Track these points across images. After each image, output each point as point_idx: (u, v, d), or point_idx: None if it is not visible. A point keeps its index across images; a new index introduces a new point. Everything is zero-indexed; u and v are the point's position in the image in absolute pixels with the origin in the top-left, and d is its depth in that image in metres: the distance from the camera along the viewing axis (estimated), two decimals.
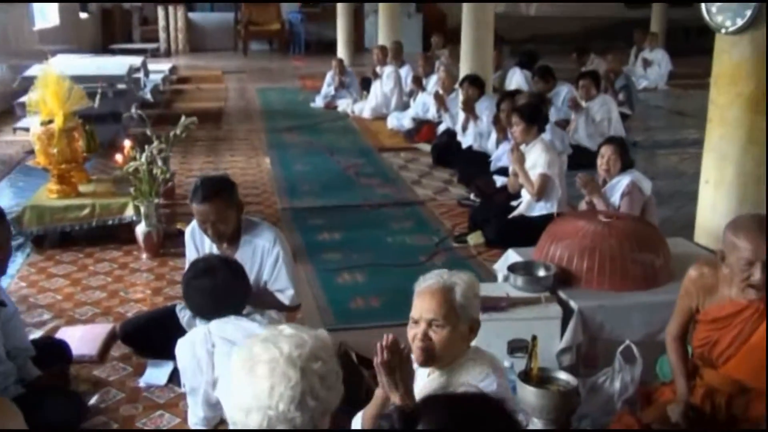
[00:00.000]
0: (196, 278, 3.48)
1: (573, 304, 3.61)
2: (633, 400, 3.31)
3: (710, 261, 3.05)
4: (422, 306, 2.49)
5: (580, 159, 6.95)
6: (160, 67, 13.20)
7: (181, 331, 3.57)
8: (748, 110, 4.20)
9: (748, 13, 4.08)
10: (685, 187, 6.95)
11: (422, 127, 9.20)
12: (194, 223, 3.84)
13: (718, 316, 2.90)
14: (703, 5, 4.27)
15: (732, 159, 4.27)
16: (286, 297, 3.77)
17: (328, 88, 11.61)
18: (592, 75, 8.36)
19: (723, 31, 4.21)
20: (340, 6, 14.87)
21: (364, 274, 5.17)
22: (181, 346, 3.51)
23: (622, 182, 4.84)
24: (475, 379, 2.44)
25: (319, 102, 11.60)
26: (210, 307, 3.48)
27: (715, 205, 4.38)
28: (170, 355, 3.62)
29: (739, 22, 4.12)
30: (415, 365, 2.52)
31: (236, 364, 1.78)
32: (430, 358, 2.49)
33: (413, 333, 2.50)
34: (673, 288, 3.68)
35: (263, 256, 3.71)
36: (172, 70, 13.89)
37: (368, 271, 5.20)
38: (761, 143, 4.26)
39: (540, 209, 5.54)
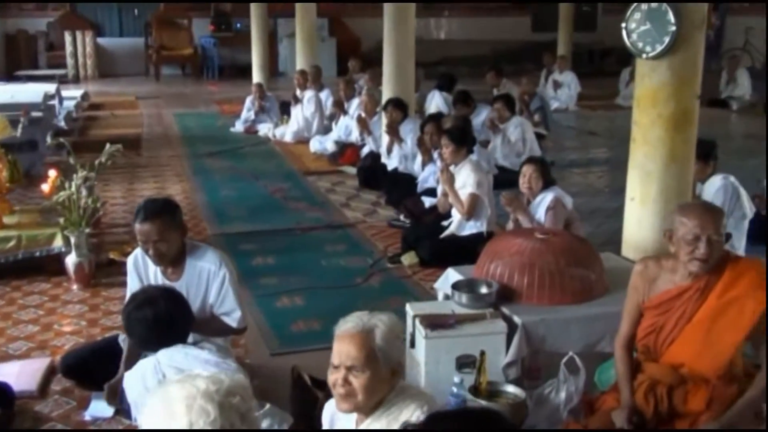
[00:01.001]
0: (137, 310, 3.45)
1: (516, 319, 3.73)
2: (578, 410, 3.44)
3: (652, 256, 3.30)
4: (341, 351, 2.42)
5: (498, 178, 7.14)
6: (71, 94, 12.87)
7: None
8: (669, 130, 4.44)
9: (666, 39, 4.33)
10: (603, 204, 7.26)
11: (346, 150, 9.29)
12: (137, 251, 3.81)
13: (663, 300, 3.13)
14: (623, 32, 4.51)
15: (655, 176, 4.50)
16: (233, 319, 3.75)
17: (248, 112, 11.57)
18: (505, 98, 8.67)
19: (644, 56, 4.45)
20: (254, 30, 14.86)
21: (303, 297, 5.19)
22: (130, 379, 3.47)
23: (546, 198, 5.07)
24: (414, 416, 2.39)
25: (238, 127, 11.54)
26: (154, 338, 3.45)
27: (640, 220, 4.60)
28: None
29: (659, 48, 4.37)
30: (338, 413, 2.52)
31: (153, 406, 1.73)
32: (352, 404, 2.43)
33: (333, 378, 2.43)
34: (608, 300, 3.90)
35: (209, 279, 3.70)
36: (84, 96, 13.57)
37: (306, 295, 5.23)
38: (682, 160, 4.52)
39: (470, 228, 5.70)
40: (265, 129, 11.19)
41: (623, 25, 4.50)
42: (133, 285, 3.82)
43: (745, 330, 3.03)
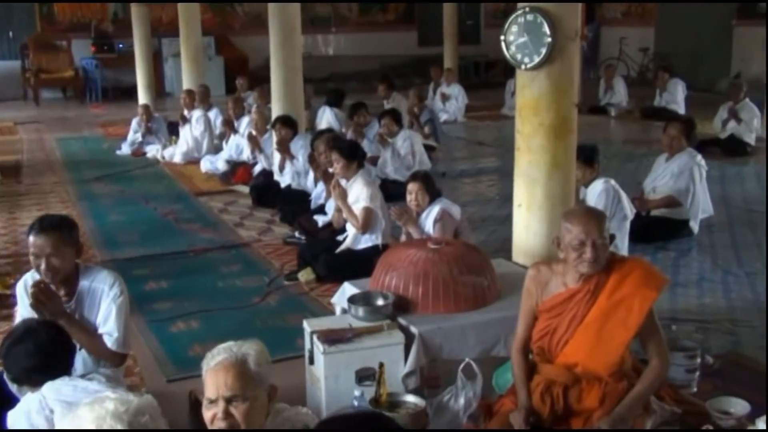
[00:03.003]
0: (16, 344, 3.29)
1: (413, 329, 3.77)
2: (476, 415, 3.51)
3: (544, 261, 3.42)
4: (218, 383, 2.38)
5: (390, 191, 7.19)
6: None
7: (8, 401, 3.37)
8: (550, 138, 4.61)
9: (543, 51, 4.50)
10: (494, 212, 7.44)
11: (237, 169, 9.20)
12: (25, 276, 3.68)
13: (556, 303, 3.26)
14: (503, 44, 4.66)
15: (540, 183, 4.66)
16: (111, 340, 3.59)
17: (134, 134, 11.28)
18: (392, 113, 8.79)
19: (523, 67, 4.61)
20: (137, 50, 14.55)
21: (199, 320, 5.10)
22: (15, 418, 3.30)
23: (433, 211, 5.19)
24: None
25: (125, 149, 11.24)
26: (37, 371, 3.29)
27: (528, 226, 4.75)
28: None
29: (536, 59, 4.54)
30: None
31: (63, 429, 1.74)
32: None
33: (212, 414, 2.39)
34: (502, 305, 3.99)
35: (100, 299, 3.60)
36: None
37: (202, 317, 5.13)
38: (564, 167, 4.69)
39: (366, 242, 5.74)
40: (153, 151, 10.95)
41: (502, 37, 4.65)
42: (24, 312, 3.66)
43: (633, 328, 3.17)
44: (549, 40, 4.47)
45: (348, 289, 4.31)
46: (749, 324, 4.77)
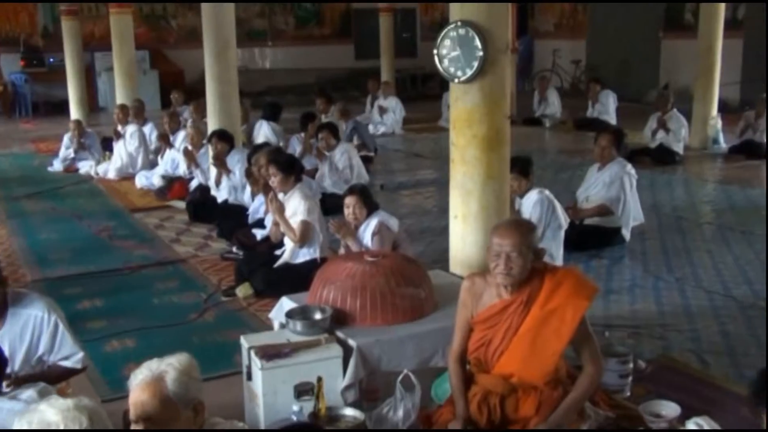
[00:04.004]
0: None
1: (351, 342, 3.77)
2: (415, 426, 3.53)
3: (479, 272, 3.47)
4: (135, 403, 2.37)
5: (328, 204, 7.21)
6: None
7: None
8: (484, 150, 4.68)
9: (475, 64, 4.57)
10: (432, 223, 7.50)
11: (173, 184, 9.10)
12: None
13: (490, 314, 3.30)
14: (436, 58, 4.71)
15: (475, 194, 4.72)
16: (75, 362, 3.61)
17: (66, 150, 11.04)
18: (329, 126, 8.80)
19: (456, 80, 4.67)
20: (69, 65, 14.30)
21: (134, 338, 5.01)
22: None
23: (371, 224, 5.21)
24: None
25: (57, 166, 10.99)
26: None
27: (464, 237, 4.80)
28: None
29: (469, 72, 4.61)
30: None
31: None
32: None
33: None
34: (439, 316, 4.03)
35: (35, 327, 3.51)
36: None
37: (138, 336, 5.05)
38: (498, 178, 4.77)
39: (304, 255, 5.72)
40: (86, 167, 10.74)
41: (435, 51, 4.71)
42: None
43: (566, 337, 3.22)
44: (480, 53, 4.54)
45: (286, 303, 4.29)
46: (678, 328, 4.90)
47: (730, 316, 5.08)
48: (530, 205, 5.85)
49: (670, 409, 3.64)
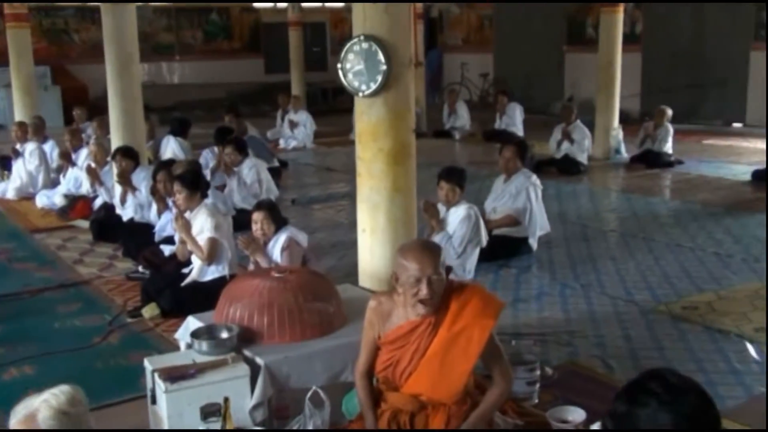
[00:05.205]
0: None
1: (259, 360, 3.71)
2: None
3: (386, 291, 3.42)
4: None
5: (239, 219, 7.09)
6: None
7: None
8: (390, 163, 4.70)
9: (379, 78, 4.60)
10: (343, 237, 7.48)
11: (76, 204, 8.82)
12: None
13: (398, 335, 3.25)
14: (340, 72, 4.72)
15: (382, 208, 4.73)
16: None
17: None
18: (235, 141, 8.67)
19: (360, 94, 4.68)
20: None
21: (34, 365, 4.80)
22: None
23: (280, 239, 5.17)
24: None
25: None
26: None
27: (372, 250, 4.80)
28: None
29: (373, 87, 4.63)
30: None
31: None
32: None
33: None
34: (348, 331, 4.00)
35: None
36: None
37: (38, 362, 4.84)
38: (405, 191, 4.79)
39: (212, 273, 5.62)
40: None
41: (339, 65, 4.71)
42: None
43: (474, 357, 3.20)
44: (384, 67, 4.56)
45: (192, 323, 4.19)
46: (584, 334, 5.02)
47: (632, 321, 5.23)
48: (458, 218, 5.91)
49: (576, 414, 3.71)
